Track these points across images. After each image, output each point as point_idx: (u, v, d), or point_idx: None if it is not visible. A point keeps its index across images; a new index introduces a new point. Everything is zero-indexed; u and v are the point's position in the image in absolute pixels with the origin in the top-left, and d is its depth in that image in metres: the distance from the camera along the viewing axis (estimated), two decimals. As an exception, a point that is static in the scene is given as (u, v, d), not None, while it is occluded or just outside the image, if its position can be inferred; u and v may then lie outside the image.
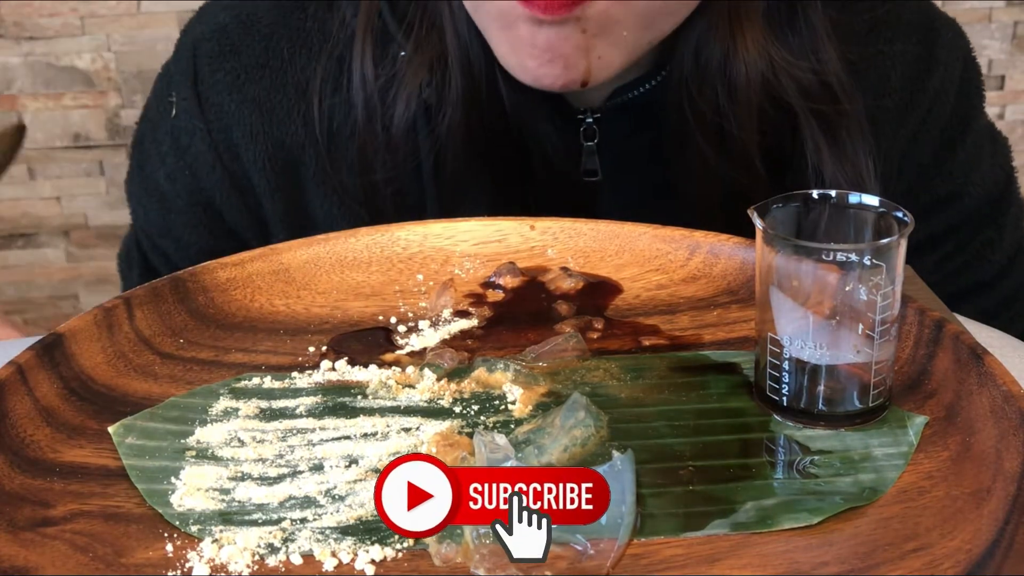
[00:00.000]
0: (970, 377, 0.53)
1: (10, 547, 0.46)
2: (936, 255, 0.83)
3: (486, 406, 0.54)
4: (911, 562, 0.44)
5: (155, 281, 0.62)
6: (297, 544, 0.46)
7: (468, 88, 0.72)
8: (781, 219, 0.53)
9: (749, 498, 0.48)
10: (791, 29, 0.71)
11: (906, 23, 0.79)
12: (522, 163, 0.76)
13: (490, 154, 0.75)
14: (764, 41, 0.70)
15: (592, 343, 0.60)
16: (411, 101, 0.72)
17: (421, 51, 0.72)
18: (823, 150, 0.72)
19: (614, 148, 0.77)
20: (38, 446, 0.52)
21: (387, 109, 0.72)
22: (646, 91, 0.75)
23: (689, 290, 0.64)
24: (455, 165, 0.73)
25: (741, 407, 0.54)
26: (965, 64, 0.82)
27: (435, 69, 0.72)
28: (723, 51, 0.70)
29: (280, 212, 0.79)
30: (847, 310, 0.51)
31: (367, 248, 0.66)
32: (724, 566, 0.45)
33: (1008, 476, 0.47)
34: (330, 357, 0.59)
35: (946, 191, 0.82)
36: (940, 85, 0.80)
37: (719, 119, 0.72)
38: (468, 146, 0.73)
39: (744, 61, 0.70)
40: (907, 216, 0.52)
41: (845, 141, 0.73)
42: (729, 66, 0.70)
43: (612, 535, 0.45)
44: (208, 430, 0.53)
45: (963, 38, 0.82)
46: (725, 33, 0.70)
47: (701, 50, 0.71)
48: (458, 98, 0.71)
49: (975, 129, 0.83)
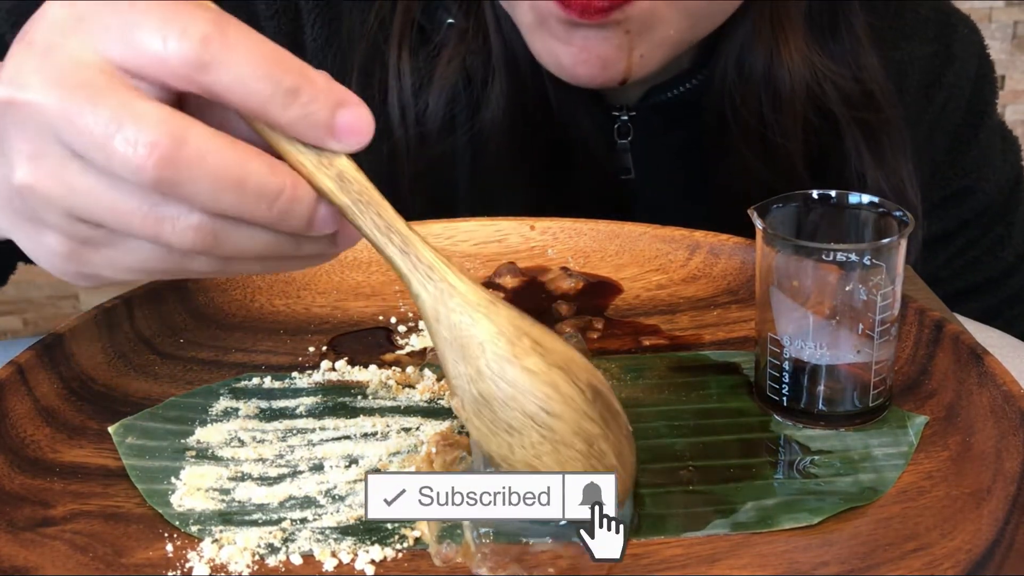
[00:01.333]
0: (970, 377, 0.53)
1: (10, 547, 0.46)
2: (948, 251, 0.84)
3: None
4: (911, 562, 0.44)
5: (155, 281, 0.62)
6: (297, 544, 0.46)
7: (512, 81, 0.70)
8: (781, 219, 0.53)
9: (749, 498, 0.48)
10: (832, 36, 0.71)
11: (923, 20, 0.79)
12: (561, 157, 0.75)
13: (530, 147, 0.74)
14: (807, 49, 0.69)
15: (592, 343, 0.60)
16: (445, 95, 0.71)
17: (461, 44, 0.70)
18: (865, 157, 0.72)
19: (648, 146, 0.76)
20: (38, 446, 0.52)
21: (421, 105, 0.71)
22: (684, 91, 0.74)
23: (689, 290, 0.64)
24: (494, 159, 0.72)
25: (741, 407, 0.54)
26: (980, 61, 0.82)
27: (476, 63, 0.71)
28: (766, 58, 0.69)
29: None
30: (847, 310, 0.51)
31: (367, 248, 0.66)
32: (724, 566, 0.45)
33: (1008, 476, 0.47)
34: (330, 357, 0.59)
35: (959, 186, 0.83)
36: (955, 80, 0.80)
37: (763, 127, 0.71)
38: (509, 138, 0.72)
39: (788, 70, 0.69)
40: (907, 216, 0.52)
41: (887, 148, 0.72)
42: (773, 75, 0.69)
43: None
44: (208, 430, 0.53)
45: (978, 34, 0.83)
46: (768, 38, 0.69)
47: (744, 57, 0.70)
48: (502, 91, 0.70)
49: (988, 125, 0.83)
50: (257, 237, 0.41)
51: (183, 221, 0.40)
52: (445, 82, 0.70)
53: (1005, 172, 0.84)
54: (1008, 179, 0.84)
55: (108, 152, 0.38)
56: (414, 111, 0.71)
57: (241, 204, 0.39)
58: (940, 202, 0.82)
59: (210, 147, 0.39)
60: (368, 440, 0.52)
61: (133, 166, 0.38)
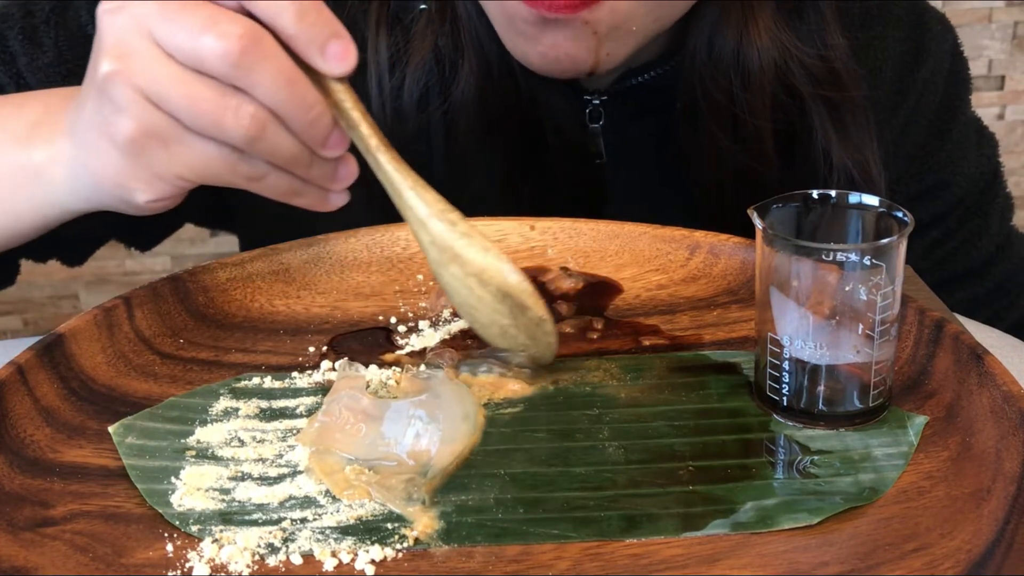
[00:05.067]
0: (970, 377, 0.53)
1: (10, 547, 0.46)
2: (924, 242, 0.85)
3: (486, 406, 0.55)
4: (911, 562, 0.44)
5: (155, 281, 0.62)
6: (297, 544, 0.46)
7: (481, 63, 0.72)
8: (781, 219, 0.53)
9: (749, 498, 0.48)
10: (799, 15, 0.72)
11: (896, 18, 0.81)
12: (535, 139, 0.76)
13: (502, 125, 0.75)
14: (775, 28, 0.71)
15: (592, 343, 0.60)
16: (419, 71, 0.72)
17: (432, 25, 0.72)
18: (830, 134, 0.73)
19: (620, 131, 0.77)
20: (38, 446, 0.52)
21: (395, 81, 0.73)
22: (655, 76, 0.76)
23: (689, 290, 0.64)
24: (466, 137, 0.74)
25: (741, 407, 0.54)
26: (953, 57, 0.83)
27: (447, 43, 0.72)
28: (736, 39, 0.71)
29: None
30: (847, 310, 0.51)
31: (367, 248, 0.66)
32: (724, 566, 0.45)
33: (1008, 476, 0.47)
34: (330, 357, 0.59)
35: (934, 180, 0.84)
36: (929, 76, 0.82)
37: (733, 107, 0.72)
38: (480, 116, 0.73)
39: (757, 48, 0.71)
40: (907, 216, 0.52)
41: (850, 126, 0.74)
42: (742, 54, 0.71)
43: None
44: (208, 430, 0.53)
45: (951, 31, 0.84)
46: (738, 19, 0.70)
47: (715, 38, 0.71)
48: (471, 71, 0.72)
49: (961, 121, 0.84)
50: (288, 142, 0.51)
51: (244, 109, 0.50)
52: (418, 59, 0.72)
53: (981, 166, 0.85)
54: (984, 173, 0.85)
55: (200, 42, 0.49)
56: (389, 85, 0.72)
57: (289, 101, 0.50)
58: (916, 195, 0.84)
59: (276, 52, 0.50)
60: (368, 440, 0.52)
61: (221, 50, 0.48)
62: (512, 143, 0.76)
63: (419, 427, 0.51)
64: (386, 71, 0.73)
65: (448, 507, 0.48)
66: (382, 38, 0.73)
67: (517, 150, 0.76)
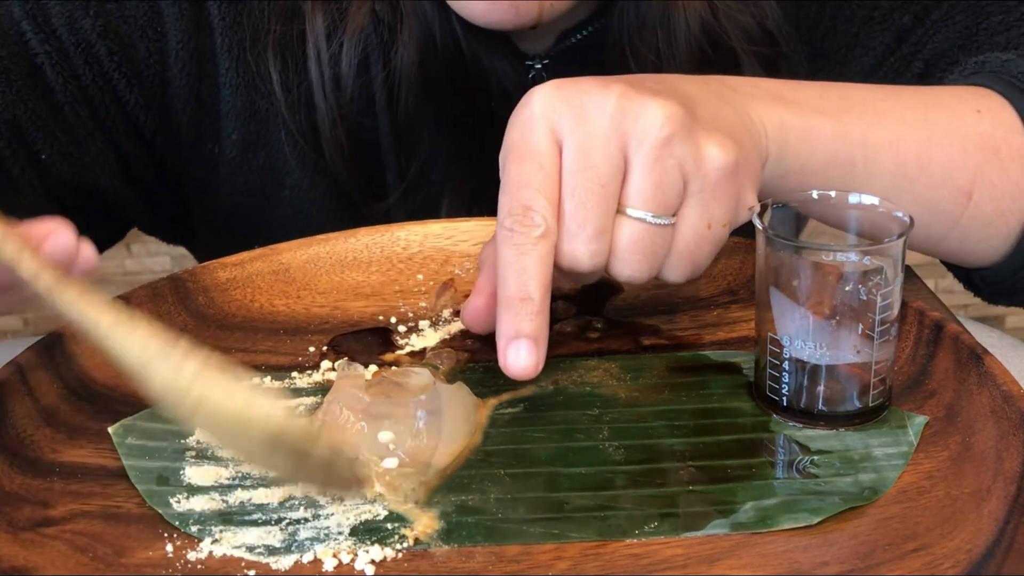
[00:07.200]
0: (970, 377, 0.53)
1: (10, 547, 0.46)
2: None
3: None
4: (911, 562, 0.44)
5: (155, 281, 0.62)
6: (297, 544, 0.46)
7: (420, 26, 0.72)
8: (781, 219, 0.53)
9: (749, 498, 0.48)
10: None
11: None
12: (481, 106, 0.76)
13: (447, 91, 0.75)
14: None
15: (592, 343, 0.60)
16: (357, 37, 0.72)
17: None
18: None
19: None
20: (38, 446, 0.52)
21: (333, 48, 0.72)
22: (590, 34, 0.76)
23: (689, 290, 0.64)
24: (410, 103, 0.73)
25: (741, 407, 0.54)
26: None
27: (385, 8, 0.72)
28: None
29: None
30: (847, 310, 0.51)
31: (367, 248, 0.66)
32: (724, 566, 0.45)
33: (1008, 476, 0.47)
34: (330, 357, 0.59)
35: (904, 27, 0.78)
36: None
37: (660, 63, 0.72)
38: (424, 84, 0.73)
39: (684, 9, 0.71)
40: (907, 216, 0.52)
41: (785, 76, 0.73)
42: (668, 14, 0.71)
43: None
44: (208, 430, 0.53)
45: None
46: None
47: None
48: (411, 35, 0.72)
49: None
50: None
51: None
52: (356, 25, 0.72)
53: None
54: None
55: None
56: (328, 53, 0.72)
57: None
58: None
59: None
60: (368, 440, 0.52)
61: None
62: (459, 111, 0.76)
63: (419, 427, 0.51)
64: (323, 38, 0.72)
65: (448, 507, 0.48)
66: (318, 4, 0.72)
67: (464, 119, 0.76)
